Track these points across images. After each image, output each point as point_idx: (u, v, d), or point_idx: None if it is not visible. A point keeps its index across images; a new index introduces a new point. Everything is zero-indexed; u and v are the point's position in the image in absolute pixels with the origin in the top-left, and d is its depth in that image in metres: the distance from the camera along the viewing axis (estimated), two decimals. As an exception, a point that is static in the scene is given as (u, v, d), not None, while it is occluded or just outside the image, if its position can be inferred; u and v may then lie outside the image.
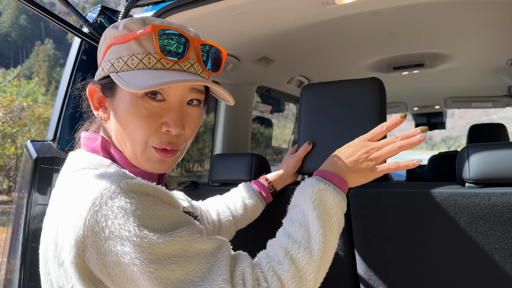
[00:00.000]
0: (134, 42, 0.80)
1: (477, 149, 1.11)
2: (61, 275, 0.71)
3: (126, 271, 0.66)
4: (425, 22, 1.74)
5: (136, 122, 0.79)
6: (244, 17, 1.49)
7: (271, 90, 2.67)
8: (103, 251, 0.66)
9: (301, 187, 0.89)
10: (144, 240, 0.65)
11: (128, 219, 0.65)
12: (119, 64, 0.80)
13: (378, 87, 1.27)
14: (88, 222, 0.65)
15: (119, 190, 0.67)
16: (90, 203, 0.66)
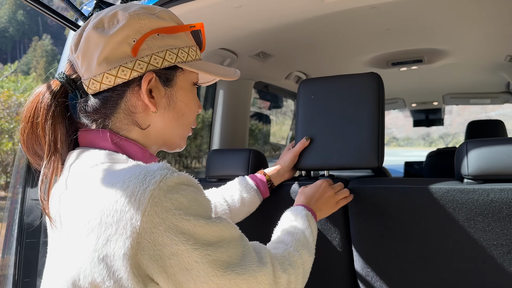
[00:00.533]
0: (184, 34, 0.86)
1: (476, 145, 1.10)
2: (101, 270, 0.68)
3: (183, 260, 0.68)
4: (424, 17, 1.73)
5: (194, 107, 0.91)
6: (242, 11, 1.48)
7: (269, 86, 2.66)
8: (161, 242, 0.67)
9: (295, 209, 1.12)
10: (201, 227, 0.70)
11: (186, 209, 0.69)
12: (183, 55, 0.85)
13: (376, 82, 1.26)
14: (148, 214, 0.66)
15: (173, 182, 0.69)
16: (148, 194, 0.67)
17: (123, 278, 0.67)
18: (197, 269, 0.69)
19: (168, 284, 0.69)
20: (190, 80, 0.89)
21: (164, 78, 0.84)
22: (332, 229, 1.29)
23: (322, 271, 1.32)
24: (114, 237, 0.67)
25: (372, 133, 1.22)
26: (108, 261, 0.67)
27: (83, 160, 0.79)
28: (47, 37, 72.49)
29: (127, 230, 0.66)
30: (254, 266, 0.75)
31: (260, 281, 0.76)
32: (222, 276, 0.71)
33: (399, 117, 55.58)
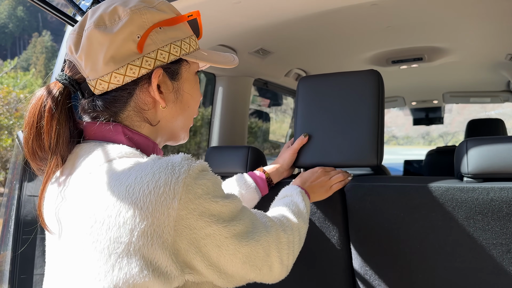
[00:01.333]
0: (183, 24, 0.86)
1: (476, 143, 1.10)
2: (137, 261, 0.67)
3: (215, 238, 0.73)
4: (424, 15, 1.71)
5: (198, 97, 0.93)
6: (241, 7, 1.46)
7: (268, 83, 2.65)
8: (196, 226, 0.70)
9: (289, 188, 1.18)
10: (225, 206, 0.74)
11: (212, 192, 0.73)
12: (185, 46, 0.85)
13: (376, 79, 1.25)
14: (183, 201, 0.69)
15: (198, 169, 0.73)
16: (181, 182, 0.69)
17: (161, 266, 0.69)
18: (227, 244, 0.74)
19: (204, 262, 0.73)
20: (193, 70, 0.91)
21: (171, 72, 0.84)
22: (331, 227, 1.28)
23: (321, 269, 1.32)
24: (151, 227, 0.68)
25: (372, 131, 1.21)
26: (145, 251, 0.68)
27: (98, 154, 0.78)
28: (47, 33, 72.37)
29: (164, 220, 0.68)
30: (264, 231, 0.82)
31: (271, 242, 0.83)
32: (246, 246, 0.77)
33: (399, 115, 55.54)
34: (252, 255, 0.78)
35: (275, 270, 0.85)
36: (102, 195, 0.71)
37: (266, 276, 0.84)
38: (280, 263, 0.86)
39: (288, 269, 0.91)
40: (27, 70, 45.81)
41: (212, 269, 0.74)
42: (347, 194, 1.25)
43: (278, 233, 0.87)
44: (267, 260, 0.82)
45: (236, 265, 0.76)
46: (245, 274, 0.79)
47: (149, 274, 0.68)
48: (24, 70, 39.81)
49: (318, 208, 1.30)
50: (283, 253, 0.87)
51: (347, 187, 1.25)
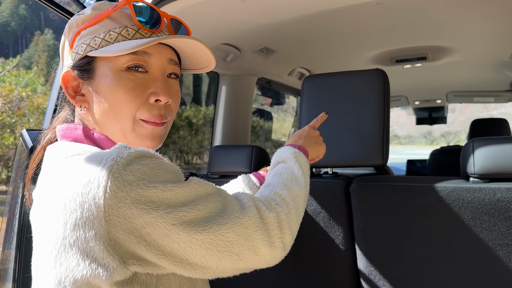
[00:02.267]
0: (107, 20, 0.82)
1: (483, 143, 1.09)
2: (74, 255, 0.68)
3: (158, 226, 0.68)
4: (429, 14, 1.71)
5: (123, 96, 0.81)
6: (245, 5, 1.46)
7: (271, 82, 2.64)
8: (130, 215, 0.67)
9: (280, 151, 1.06)
10: (170, 191, 0.69)
11: (150, 177, 0.69)
12: (95, 42, 0.81)
13: (382, 78, 1.24)
14: (110, 190, 0.66)
15: (132, 156, 0.69)
16: (107, 170, 0.66)
17: (97, 258, 0.67)
18: (177, 232, 0.69)
19: (151, 251, 0.69)
20: (117, 66, 0.81)
21: (82, 71, 0.83)
22: (335, 228, 1.28)
23: (325, 269, 1.31)
24: (81, 220, 0.67)
25: (377, 131, 1.21)
26: (80, 244, 0.67)
27: (55, 153, 0.80)
28: (49, 32, 72.43)
29: (93, 211, 0.66)
30: (237, 213, 0.76)
31: (247, 225, 0.75)
32: (204, 231, 0.70)
33: (401, 115, 55.47)
34: (217, 241, 0.72)
35: (263, 254, 0.78)
36: (50, 192, 0.73)
37: (252, 261, 0.77)
38: (269, 245, 0.78)
39: (285, 249, 0.83)
40: (29, 68, 45.82)
41: (166, 259, 0.70)
42: (352, 194, 1.25)
43: (262, 213, 0.80)
44: (245, 244, 0.75)
45: (199, 253, 0.71)
46: (218, 262, 0.73)
47: (86, 267, 0.67)
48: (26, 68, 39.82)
49: (323, 208, 1.29)
50: (271, 234, 0.79)
51: (352, 187, 1.24)
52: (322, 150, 1.13)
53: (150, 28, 0.83)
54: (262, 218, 0.79)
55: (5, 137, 9.51)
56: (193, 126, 13.20)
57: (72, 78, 0.84)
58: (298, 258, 1.34)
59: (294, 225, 0.87)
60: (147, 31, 0.83)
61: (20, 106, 10.41)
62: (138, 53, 0.81)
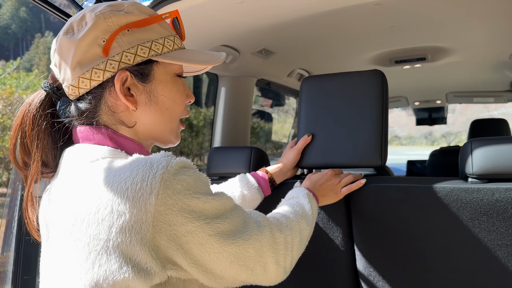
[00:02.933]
0: (157, 25, 0.85)
1: (481, 144, 1.09)
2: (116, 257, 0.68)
3: (197, 236, 0.71)
4: (428, 15, 1.71)
5: (179, 99, 0.89)
6: (244, 7, 1.46)
7: (271, 83, 2.64)
8: (175, 222, 0.70)
9: (296, 189, 1.16)
10: (209, 203, 0.73)
11: (193, 188, 0.72)
12: (157, 47, 0.83)
13: (380, 79, 1.24)
14: (161, 197, 0.68)
15: (178, 166, 0.72)
16: (159, 178, 0.69)
17: (141, 262, 0.69)
18: (211, 242, 0.73)
19: (186, 259, 0.72)
20: (171, 71, 0.88)
21: (139, 74, 0.83)
22: (334, 228, 1.28)
23: (324, 270, 1.31)
24: (129, 224, 0.68)
25: (376, 132, 1.21)
26: (124, 248, 0.68)
27: (82, 156, 0.79)
28: (49, 34, 72.56)
29: (142, 215, 0.68)
30: (256, 230, 0.80)
31: (263, 242, 0.81)
32: (233, 244, 0.75)
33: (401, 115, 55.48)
34: (240, 255, 0.76)
35: (270, 271, 0.83)
36: (83, 194, 0.73)
37: (260, 277, 0.82)
38: (276, 263, 0.84)
39: (285, 271, 0.89)
40: (29, 70, 45.88)
41: (196, 267, 0.73)
42: (351, 195, 1.25)
43: (273, 233, 0.85)
44: (260, 260, 0.80)
45: (223, 264, 0.75)
46: (235, 275, 0.78)
47: (129, 270, 0.68)
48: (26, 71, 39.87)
49: (322, 209, 1.29)
50: (279, 254, 0.85)
51: None
52: (337, 197, 1.22)
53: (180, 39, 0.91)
54: (274, 237, 0.85)
55: (6, 140, 9.52)
56: (194, 128, 13.22)
57: (129, 78, 0.82)
58: (297, 260, 1.34)
59: (296, 251, 0.94)
60: (180, 42, 0.90)
61: (21, 109, 10.42)
62: None
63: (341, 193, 1.21)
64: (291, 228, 0.93)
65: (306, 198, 1.10)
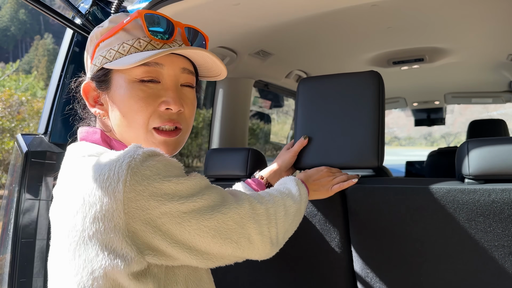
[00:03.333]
0: (122, 32, 0.86)
1: (477, 145, 1.09)
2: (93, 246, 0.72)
3: (172, 216, 0.74)
4: (425, 15, 1.71)
5: (135, 105, 0.85)
6: (240, 8, 1.46)
7: (269, 85, 2.64)
8: (148, 206, 0.72)
9: (287, 177, 1.15)
10: (182, 184, 0.75)
11: (164, 172, 0.74)
12: (110, 54, 0.86)
13: (376, 80, 1.24)
14: (129, 184, 0.70)
15: (146, 154, 0.74)
16: (125, 166, 0.71)
17: (116, 249, 0.71)
18: (188, 219, 0.75)
19: (166, 240, 0.74)
20: (131, 77, 0.85)
21: (98, 82, 0.90)
22: (331, 230, 1.27)
23: (322, 271, 1.31)
24: (101, 213, 0.71)
25: (372, 132, 1.21)
26: (99, 236, 0.71)
27: (74, 153, 0.85)
28: (48, 36, 72.59)
29: (112, 203, 0.71)
30: (235, 203, 0.83)
31: (243, 215, 0.83)
32: (211, 219, 0.77)
33: (400, 116, 55.46)
34: (221, 228, 0.78)
35: (256, 243, 0.85)
36: (66, 190, 0.79)
37: (248, 249, 0.84)
38: (259, 234, 0.85)
39: (272, 243, 0.89)
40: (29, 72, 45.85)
41: (178, 247, 0.75)
42: (348, 196, 1.25)
43: (253, 205, 0.87)
44: (242, 232, 0.82)
45: (206, 240, 0.77)
46: (220, 249, 0.79)
47: (105, 257, 0.71)
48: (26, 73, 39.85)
49: (319, 210, 1.29)
50: (261, 224, 0.86)
51: (348, 189, 1.24)
52: (328, 194, 1.22)
53: (162, 39, 0.86)
54: (253, 208, 0.86)
55: (5, 142, 9.51)
56: (193, 129, 13.22)
57: (92, 89, 0.90)
58: (294, 261, 1.34)
59: (281, 224, 0.93)
60: (158, 42, 0.86)
61: (20, 111, 10.42)
62: (150, 64, 0.85)
63: (332, 190, 1.21)
64: (274, 201, 0.94)
65: (294, 182, 1.10)
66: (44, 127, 1.41)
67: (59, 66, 1.45)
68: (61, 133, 1.39)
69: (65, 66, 1.43)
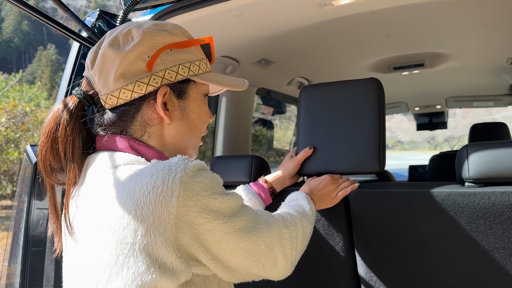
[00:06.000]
0: (194, 48, 0.91)
1: (477, 148, 1.11)
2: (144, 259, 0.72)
3: (215, 234, 0.76)
4: (424, 21, 1.73)
5: (205, 118, 0.96)
6: (242, 19, 1.49)
7: (271, 92, 2.67)
8: (196, 222, 0.74)
9: (296, 193, 1.20)
10: (225, 203, 0.77)
11: (211, 189, 0.76)
12: (195, 68, 0.89)
13: (376, 87, 1.26)
14: (181, 199, 0.72)
15: (195, 168, 0.76)
16: (178, 180, 0.72)
17: (166, 262, 0.73)
18: (227, 240, 0.77)
19: (206, 256, 0.76)
20: (202, 91, 0.94)
21: (178, 91, 0.89)
22: (335, 234, 1.29)
23: (326, 276, 1.33)
24: (153, 226, 0.72)
25: (373, 138, 1.23)
26: (150, 249, 0.72)
27: (105, 163, 0.83)
28: (51, 47, 73.06)
29: (165, 218, 0.72)
30: (266, 227, 0.85)
31: (273, 239, 0.86)
32: (247, 241, 0.80)
33: (403, 120, 55.33)
34: (253, 251, 0.81)
35: (279, 265, 0.88)
36: (108, 200, 0.77)
37: (270, 271, 0.87)
38: (284, 258, 0.89)
39: (292, 265, 0.94)
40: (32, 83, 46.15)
41: (215, 263, 0.78)
42: (351, 201, 1.27)
43: (280, 229, 0.90)
44: (270, 255, 0.85)
45: (238, 260, 0.80)
46: (248, 268, 0.82)
47: (156, 270, 0.72)
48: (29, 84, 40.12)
49: (322, 216, 1.31)
50: (286, 248, 0.90)
51: (351, 194, 1.26)
52: (333, 202, 1.26)
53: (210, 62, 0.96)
54: (281, 233, 0.90)
55: (10, 152, 9.56)
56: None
57: (168, 94, 0.87)
58: (298, 266, 1.36)
59: (300, 247, 0.98)
60: (209, 65, 0.95)
61: (24, 121, 10.48)
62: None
63: (336, 198, 1.25)
64: (295, 224, 0.98)
65: (305, 200, 1.15)
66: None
67: (66, 78, 1.48)
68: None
69: (72, 78, 1.47)
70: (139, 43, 0.84)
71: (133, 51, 0.83)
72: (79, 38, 1.37)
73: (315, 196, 1.23)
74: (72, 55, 1.49)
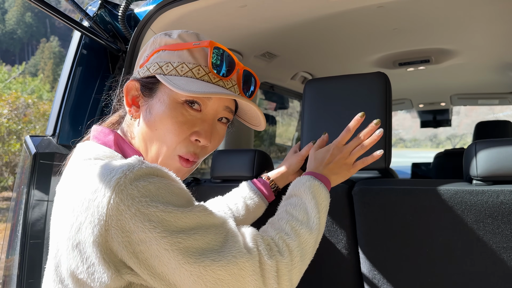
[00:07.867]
0: (186, 51, 0.86)
1: (485, 146, 1.08)
2: (75, 257, 0.71)
3: (151, 247, 0.69)
4: (431, 17, 1.71)
5: (170, 126, 0.85)
6: (247, 10, 1.47)
7: (274, 86, 2.64)
8: (128, 229, 0.68)
9: (298, 182, 1.03)
10: (170, 214, 0.70)
11: (153, 196, 0.70)
12: (167, 68, 0.85)
13: (383, 82, 1.24)
14: (113, 201, 0.67)
15: (141, 172, 0.71)
16: (114, 182, 0.69)
17: (95, 264, 0.70)
18: (167, 257, 0.69)
19: (141, 269, 0.70)
20: (175, 97, 0.86)
21: (146, 87, 0.89)
22: (338, 231, 1.27)
23: (329, 273, 1.31)
24: (84, 224, 0.69)
25: None
26: (81, 248, 0.70)
27: (81, 153, 0.85)
28: (54, 39, 73.09)
29: (95, 218, 0.68)
30: (235, 252, 0.73)
31: (242, 267, 0.73)
32: (195, 263, 0.69)
33: (406, 118, 55.29)
34: (208, 277, 0.70)
35: None
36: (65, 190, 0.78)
37: None
38: None
39: None
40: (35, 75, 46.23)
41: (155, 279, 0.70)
42: (355, 197, 1.24)
43: (261, 258, 0.77)
44: (237, 285, 0.72)
45: (187, 283, 0.70)
46: None
47: (84, 271, 0.70)
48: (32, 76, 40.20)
49: (326, 212, 1.29)
50: (267, 282, 0.76)
51: (354, 191, 1.24)
52: (350, 172, 1.07)
53: (219, 74, 0.86)
54: (261, 263, 0.76)
55: (12, 144, 9.58)
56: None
57: (135, 89, 0.90)
58: None
59: (296, 275, 0.84)
60: (215, 76, 0.86)
61: (26, 113, 10.50)
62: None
63: (354, 167, 1.08)
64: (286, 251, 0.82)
65: (309, 194, 0.97)
66: (52, 129, 1.42)
67: (67, 68, 1.46)
68: (69, 134, 1.40)
69: (73, 68, 1.45)
70: (148, 47, 0.93)
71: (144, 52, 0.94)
72: (81, 28, 1.35)
73: (326, 170, 1.06)
74: (73, 45, 1.47)
